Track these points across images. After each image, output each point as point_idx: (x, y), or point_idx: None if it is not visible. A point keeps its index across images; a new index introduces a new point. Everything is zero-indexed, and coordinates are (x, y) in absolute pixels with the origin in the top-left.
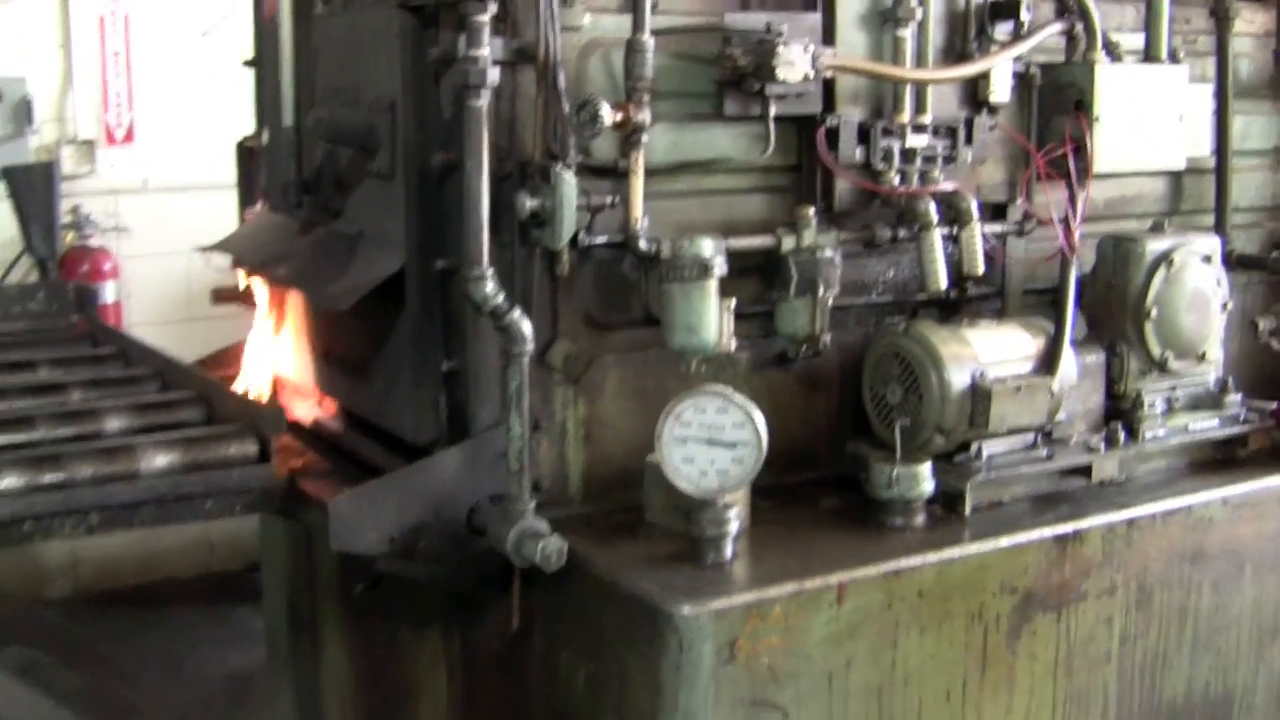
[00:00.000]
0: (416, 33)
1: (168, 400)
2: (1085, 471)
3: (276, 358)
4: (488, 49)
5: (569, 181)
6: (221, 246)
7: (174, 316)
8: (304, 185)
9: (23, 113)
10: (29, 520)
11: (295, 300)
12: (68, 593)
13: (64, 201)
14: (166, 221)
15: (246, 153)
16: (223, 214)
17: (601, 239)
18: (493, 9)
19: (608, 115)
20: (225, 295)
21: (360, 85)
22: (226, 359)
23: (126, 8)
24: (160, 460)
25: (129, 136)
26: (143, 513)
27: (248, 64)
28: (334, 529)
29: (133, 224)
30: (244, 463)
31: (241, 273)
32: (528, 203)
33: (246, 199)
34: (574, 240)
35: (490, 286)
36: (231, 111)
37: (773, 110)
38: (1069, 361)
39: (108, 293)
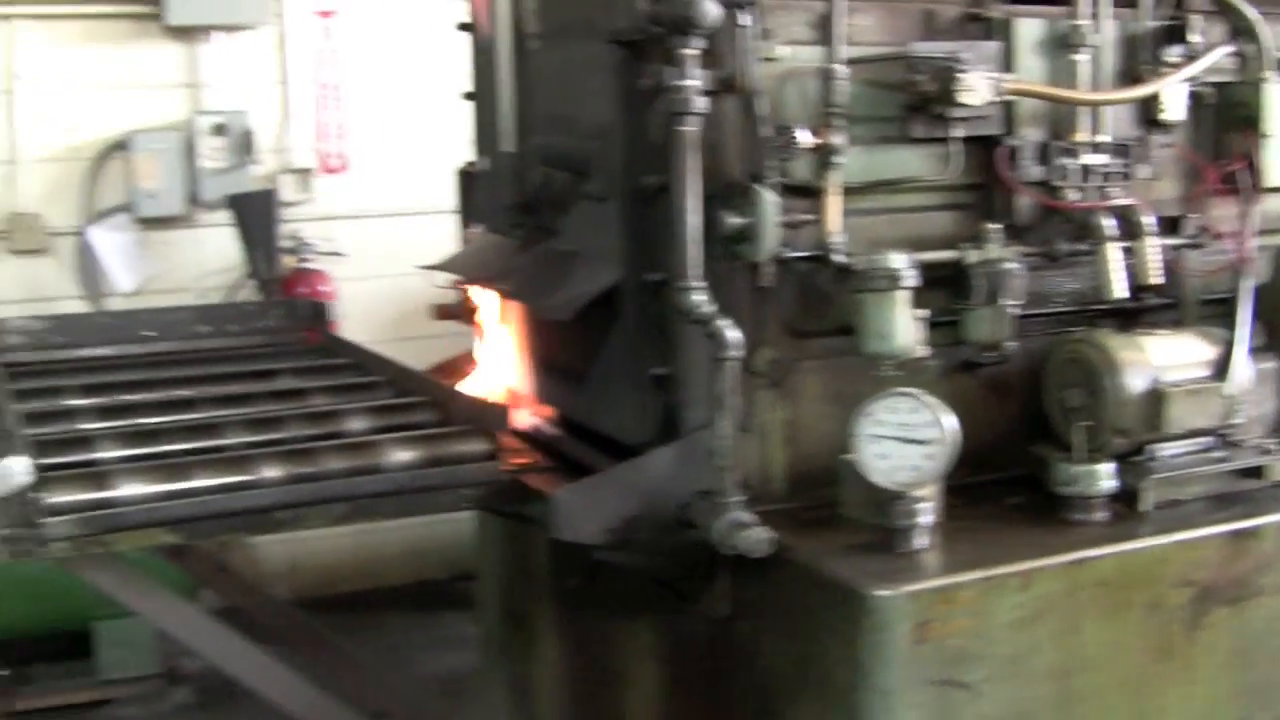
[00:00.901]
0: (628, 65)
1: (402, 404)
2: (1262, 473)
3: (499, 368)
4: (695, 79)
5: (769, 200)
6: (445, 266)
7: (387, 335)
8: (522, 207)
9: (244, 144)
10: (285, 509)
11: (515, 314)
12: (285, 598)
13: (283, 227)
14: (378, 245)
15: (466, 178)
16: (429, 238)
17: (800, 253)
18: (699, 43)
19: (804, 139)
20: (446, 312)
21: (574, 113)
22: (443, 372)
23: (340, 44)
24: (401, 456)
25: (343, 166)
26: (385, 504)
27: (467, 96)
28: (557, 520)
29: (347, 248)
30: (476, 459)
31: (462, 289)
32: (731, 220)
33: (466, 221)
34: (774, 254)
35: (699, 297)
36: (437, 141)
37: (956, 133)
38: (1244, 367)
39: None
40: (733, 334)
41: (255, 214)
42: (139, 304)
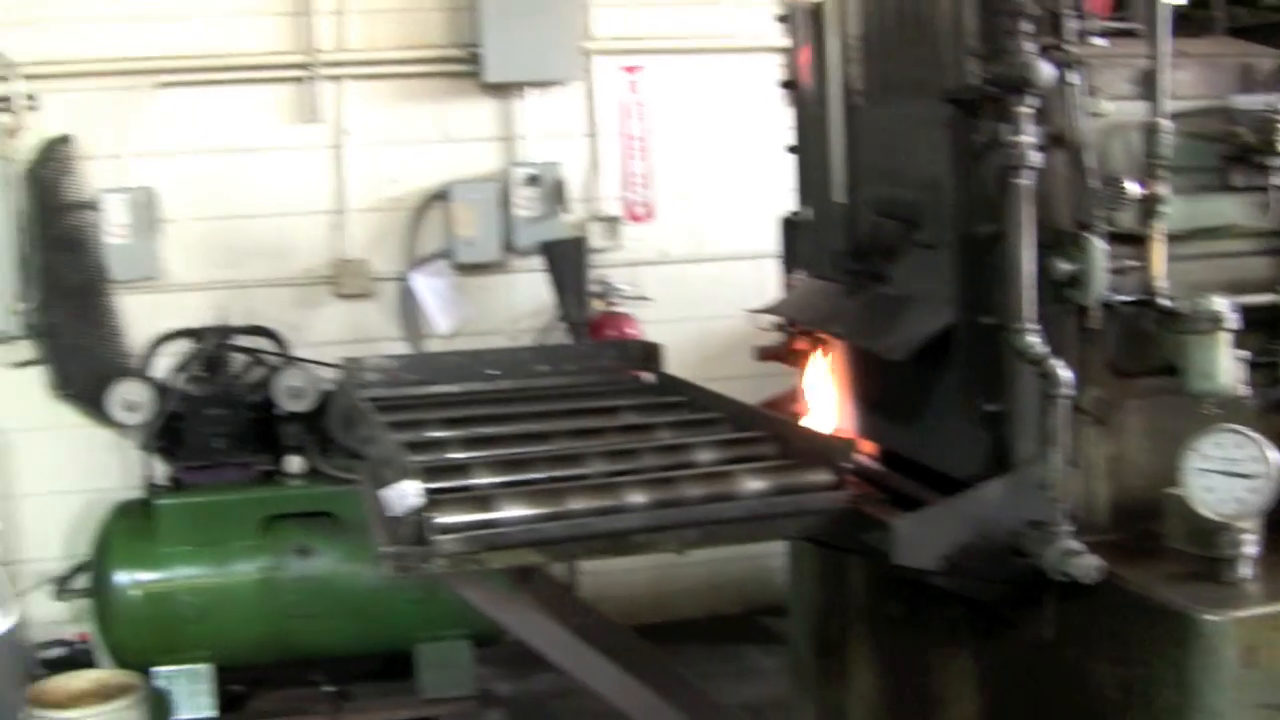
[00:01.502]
0: (960, 121)
1: (745, 437)
2: None
3: (822, 405)
4: (1029, 135)
5: (1099, 248)
6: (774, 309)
7: (691, 376)
8: (853, 254)
9: (556, 194)
10: (644, 533)
11: (839, 355)
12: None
13: (592, 272)
14: (681, 290)
15: (789, 227)
16: (730, 282)
17: (1126, 297)
18: (1033, 101)
19: (1133, 190)
20: (770, 353)
21: (902, 166)
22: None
23: (645, 98)
24: (753, 485)
25: (648, 214)
26: (733, 530)
27: (790, 150)
28: (897, 547)
29: (652, 292)
30: (822, 489)
31: (786, 332)
32: (1062, 266)
33: (789, 267)
34: (1102, 298)
35: (1033, 338)
36: (737, 191)
37: (1276, 181)
38: None
39: None
40: (1065, 373)
41: (566, 260)
42: (455, 346)
